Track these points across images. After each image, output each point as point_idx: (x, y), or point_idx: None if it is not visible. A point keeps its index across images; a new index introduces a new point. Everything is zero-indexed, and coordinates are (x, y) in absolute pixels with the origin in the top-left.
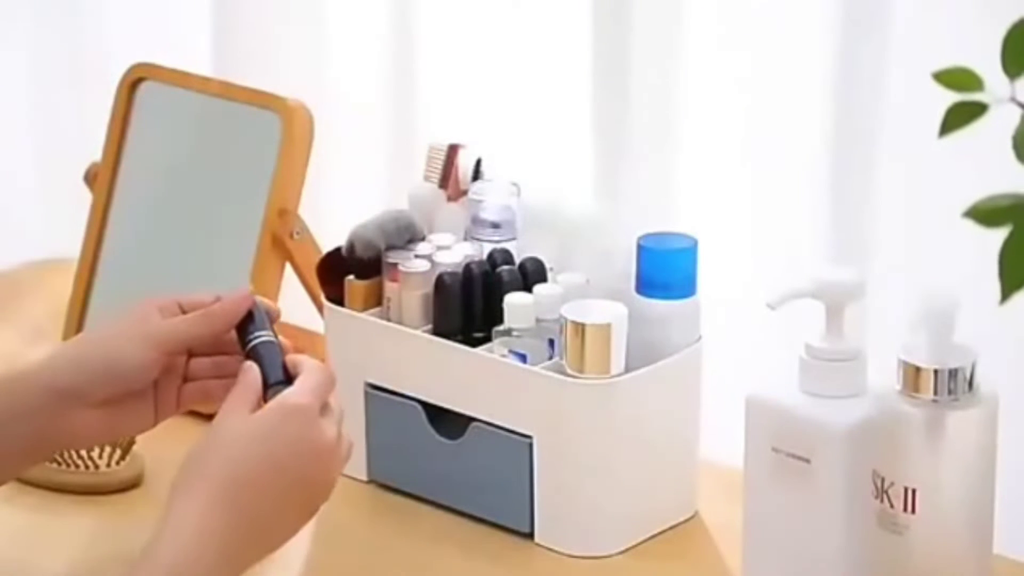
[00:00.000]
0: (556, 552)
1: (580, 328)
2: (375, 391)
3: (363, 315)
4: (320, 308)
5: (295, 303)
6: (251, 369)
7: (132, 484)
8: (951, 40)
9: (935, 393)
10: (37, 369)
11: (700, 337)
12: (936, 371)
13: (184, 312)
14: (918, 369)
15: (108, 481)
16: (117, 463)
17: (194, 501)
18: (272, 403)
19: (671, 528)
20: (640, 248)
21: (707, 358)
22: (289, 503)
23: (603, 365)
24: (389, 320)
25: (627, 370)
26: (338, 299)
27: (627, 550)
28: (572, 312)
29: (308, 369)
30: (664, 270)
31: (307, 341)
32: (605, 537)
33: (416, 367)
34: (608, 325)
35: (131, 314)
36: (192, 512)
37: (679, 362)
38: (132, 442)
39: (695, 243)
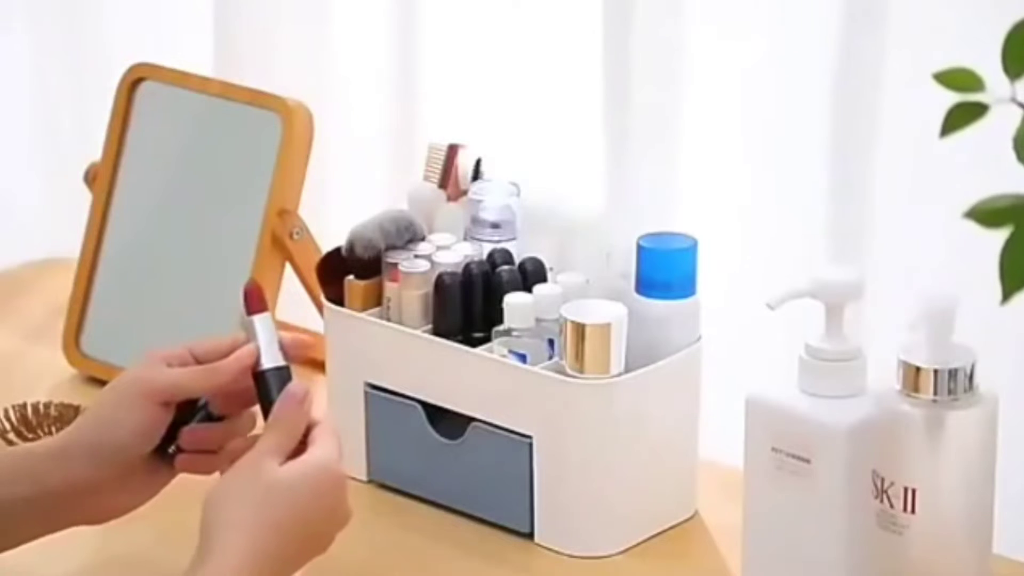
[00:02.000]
0: (556, 552)
1: (580, 328)
2: (375, 391)
3: (363, 315)
4: (320, 308)
5: (295, 303)
6: (290, 408)
7: None
8: (951, 39)
9: (935, 393)
10: (55, 454)
11: (700, 337)
12: (936, 371)
13: (197, 360)
14: (918, 369)
15: None
16: None
17: (232, 556)
18: (316, 466)
19: (671, 528)
20: (640, 248)
21: (707, 358)
22: (303, 557)
23: (603, 365)
24: (389, 320)
25: (627, 370)
26: (338, 299)
27: (627, 550)
28: (572, 312)
29: (328, 427)
30: (664, 270)
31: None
32: (605, 537)
33: (416, 367)
34: (608, 325)
35: (134, 369)
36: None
37: (679, 362)
38: None
39: (695, 243)
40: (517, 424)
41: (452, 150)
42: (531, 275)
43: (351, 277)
